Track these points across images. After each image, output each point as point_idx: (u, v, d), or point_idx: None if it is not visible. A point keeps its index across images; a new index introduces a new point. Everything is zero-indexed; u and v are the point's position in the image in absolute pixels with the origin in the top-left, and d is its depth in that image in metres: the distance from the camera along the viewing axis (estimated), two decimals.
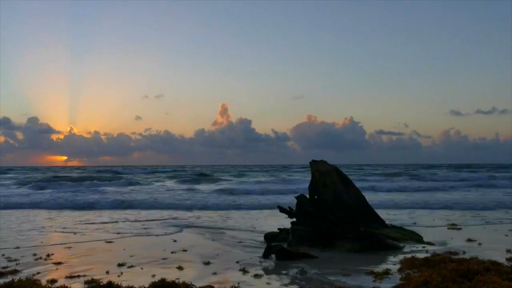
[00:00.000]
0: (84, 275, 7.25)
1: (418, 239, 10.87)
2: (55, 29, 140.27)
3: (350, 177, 12.25)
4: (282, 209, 11.12)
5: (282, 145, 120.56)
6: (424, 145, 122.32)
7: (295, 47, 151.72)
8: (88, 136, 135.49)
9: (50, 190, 29.23)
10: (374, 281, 6.90)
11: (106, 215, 17.00)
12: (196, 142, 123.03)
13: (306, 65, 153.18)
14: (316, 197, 11.49)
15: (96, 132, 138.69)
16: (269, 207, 18.51)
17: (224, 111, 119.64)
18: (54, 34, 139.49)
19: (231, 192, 27.22)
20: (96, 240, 11.17)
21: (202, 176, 51.17)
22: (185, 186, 33.37)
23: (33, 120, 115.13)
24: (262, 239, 11.00)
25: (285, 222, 11.91)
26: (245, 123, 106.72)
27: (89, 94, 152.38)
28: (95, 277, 6.96)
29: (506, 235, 11.54)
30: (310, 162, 12.15)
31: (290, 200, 14.08)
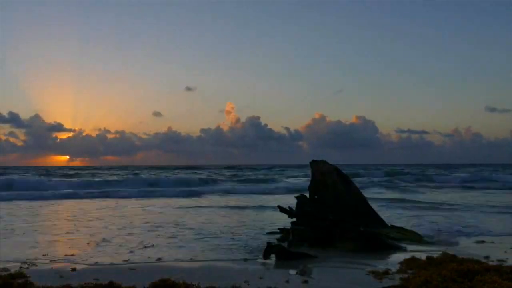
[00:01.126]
0: None
1: (418, 239, 10.87)
2: (69, 21, 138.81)
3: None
4: (282, 209, 11.13)
5: (294, 144, 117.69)
6: (458, 143, 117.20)
7: (314, 44, 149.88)
8: (102, 134, 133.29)
9: None
10: (374, 281, 6.90)
11: None
12: (205, 141, 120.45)
13: (327, 62, 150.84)
14: (316, 197, 11.50)
15: (106, 130, 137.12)
16: None
17: (232, 109, 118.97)
18: (68, 26, 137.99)
19: None
20: None
21: None
22: None
23: (38, 118, 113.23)
24: None
25: None
26: (255, 121, 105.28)
27: (99, 92, 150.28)
28: None
29: None
30: (310, 162, 12.16)
31: None
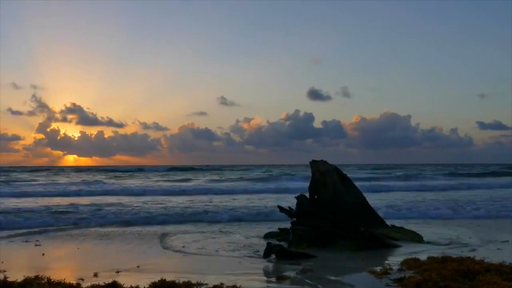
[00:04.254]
0: None
1: (418, 239, 10.86)
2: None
3: None
4: (282, 209, 11.11)
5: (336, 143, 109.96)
6: None
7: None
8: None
9: None
10: (374, 281, 6.89)
11: None
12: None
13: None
14: (316, 197, 11.49)
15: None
16: None
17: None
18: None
19: None
20: None
21: None
22: None
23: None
24: None
25: None
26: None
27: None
28: None
29: None
30: (310, 162, 12.14)
31: None
